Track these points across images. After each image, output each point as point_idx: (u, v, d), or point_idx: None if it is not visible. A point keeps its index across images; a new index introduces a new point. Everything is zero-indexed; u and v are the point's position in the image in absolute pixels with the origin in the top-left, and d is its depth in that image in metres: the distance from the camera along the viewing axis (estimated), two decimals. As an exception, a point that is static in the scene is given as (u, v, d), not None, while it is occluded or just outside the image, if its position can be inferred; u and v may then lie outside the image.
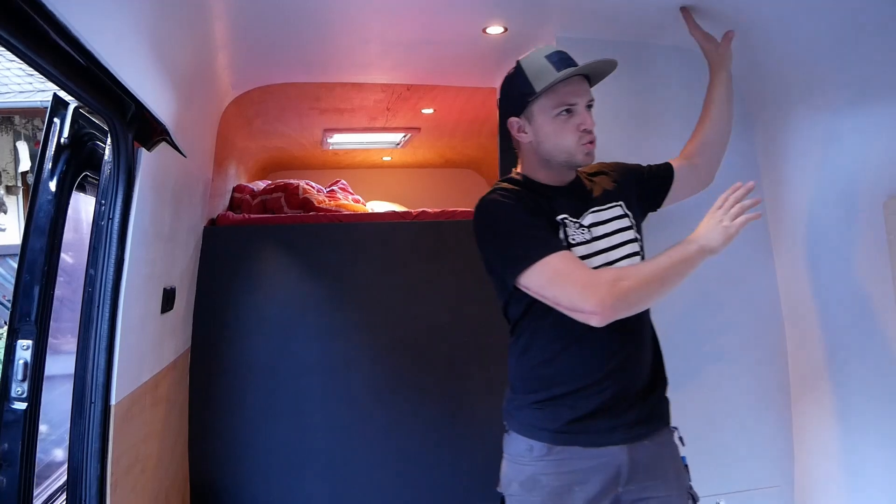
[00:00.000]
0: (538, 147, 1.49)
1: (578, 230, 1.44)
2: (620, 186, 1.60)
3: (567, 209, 1.46)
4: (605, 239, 1.46)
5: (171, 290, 2.11)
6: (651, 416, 1.46)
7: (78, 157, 1.60)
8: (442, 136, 4.14)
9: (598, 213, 1.50)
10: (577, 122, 1.43)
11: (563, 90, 1.42)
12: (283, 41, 2.20)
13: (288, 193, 3.21)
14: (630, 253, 1.47)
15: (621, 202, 1.55)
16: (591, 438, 1.40)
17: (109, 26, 1.23)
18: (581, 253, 1.41)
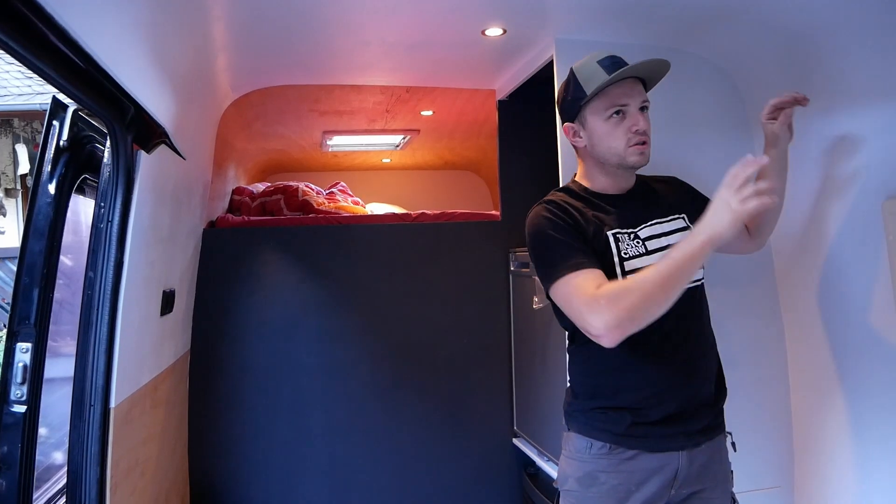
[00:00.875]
0: (592, 150, 1.50)
1: (633, 242, 1.44)
2: (683, 201, 1.58)
3: (622, 220, 1.46)
4: (665, 251, 1.40)
5: (170, 293, 2.11)
6: (711, 425, 1.48)
7: (77, 159, 1.59)
8: (441, 138, 4.14)
9: (658, 226, 1.48)
10: (629, 123, 1.44)
11: (615, 92, 1.43)
12: (282, 43, 2.20)
13: (287, 195, 3.21)
14: None
15: (684, 215, 1.53)
16: (653, 444, 1.41)
17: (108, 29, 1.23)
18: (635, 266, 1.40)
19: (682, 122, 2.23)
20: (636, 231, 1.45)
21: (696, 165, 2.24)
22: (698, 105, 2.27)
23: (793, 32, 1.95)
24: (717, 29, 2.08)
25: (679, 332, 1.42)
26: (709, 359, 1.50)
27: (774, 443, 2.27)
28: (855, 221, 1.97)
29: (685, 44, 2.24)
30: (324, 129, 3.65)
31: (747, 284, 2.28)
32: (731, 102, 2.31)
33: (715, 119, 2.30)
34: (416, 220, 3.00)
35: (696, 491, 1.44)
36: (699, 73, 2.29)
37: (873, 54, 1.81)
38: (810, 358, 2.21)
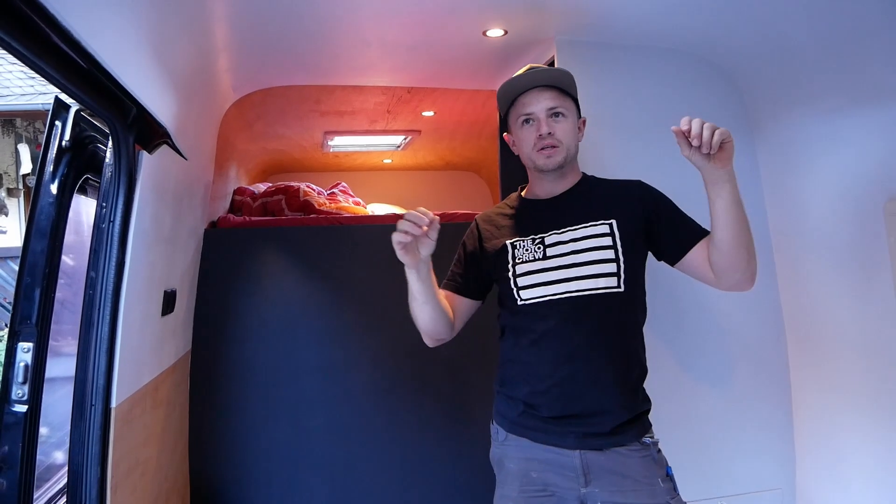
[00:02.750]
0: (520, 157, 1.62)
1: (533, 247, 1.54)
2: (624, 207, 1.53)
3: (534, 226, 1.57)
4: (564, 257, 1.49)
5: (171, 293, 2.11)
6: (614, 433, 1.44)
7: (79, 159, 1.60)
8: (442, 139, 4.14)
9: (569, 232, 1.52)
10: (534, 129, 1.53)
11: (521, 101, 1.55)
12: (283, 44, 2.20)
13: (288, 196, 3.21)
14: (595, 273, 1.45)
15: (612, 221, 1.50)
16: (542, 436, 1.48)
17: (111, 29, 1.23)
18: (525, 269, 1.51)
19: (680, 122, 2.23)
20: (543, 236, 1.54)
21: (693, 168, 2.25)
22: (698, 105, 2.28)
23: (794, 37, 1.95)
24: (718, 30, 2.08)
25: (572, 338, 1.45)
26: (615, 369, 1.45)
27: (775, 444, 2.27)
28: (857, 222, 1.97)
29: (686, 45, 2.24)
30: (325, 129, 3.66)
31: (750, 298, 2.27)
32: (731, 103, 2.32)
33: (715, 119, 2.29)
34: (417, 221, 3.00)
35: (614, 491, 1.41)
36: (699, 73, 2.29)
37: (873, 57, 1.81)
38: (812, 359, 2.21)
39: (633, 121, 2.23)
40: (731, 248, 1.40)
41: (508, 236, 1.59)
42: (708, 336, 2.25)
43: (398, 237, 1.37)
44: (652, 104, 2.27)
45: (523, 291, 1.51)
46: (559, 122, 1.53)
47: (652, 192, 1.58)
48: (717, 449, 2.16)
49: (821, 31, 1.87)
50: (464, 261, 1.66)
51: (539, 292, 1.49)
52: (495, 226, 1.64)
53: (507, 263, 1.55)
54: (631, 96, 2.25)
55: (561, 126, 1.52)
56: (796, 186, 2.20)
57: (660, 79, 2.29)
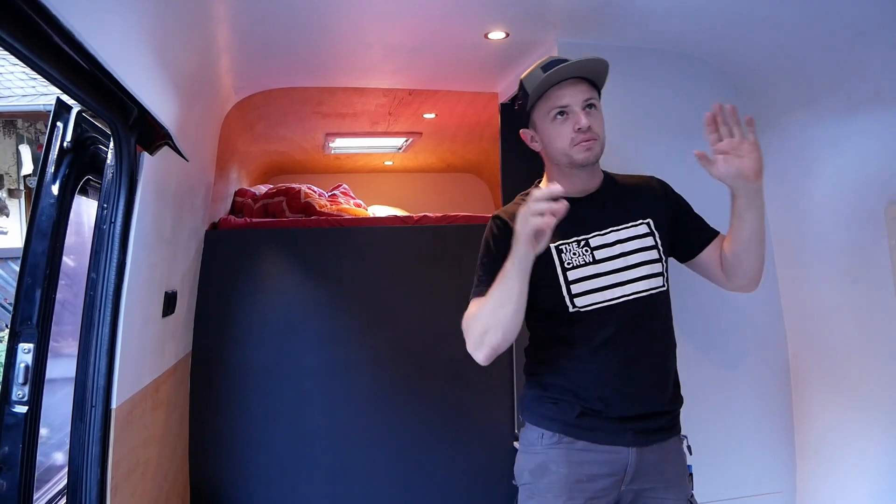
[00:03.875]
0: (546, 153, 1.55)
1: (580, 250, 1.47)
2: (654, 205, 1.56)
3: (574, 227, 1.47)
4: (615, 260, 1.46)
5: (172, 294, 2.11)
6: (662, 427, 1.48)
7: (80, 160, 1.60)
8: (443, 141, 4.14)
9: (612, 234, 1.49)
10: (572, 122, 1.45)
11: (555, 94, 1.46)
12: (285, 45, 2.20)
13: (289, 197, 3.21)
14: (645, 275, 1.46)
15: (649, 220, 1.53)
16: (601, 436, 1.44)
17: (113, 30, 1.23)
18: (579, 275, 1.45)
19: (683, 124, 2.24)
20: (587, 238, 1.48)
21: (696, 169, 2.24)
22: (700, 108, 2.26)
23: (795, 39, 1.95)
24: (721, 33, 2.08)
25: (632, 342, 1.44)
26: (664, 367, 1.50)
27: (776, 447, 2.27)
28: (858, 225, 1.97)
29: (688, 47, 2.24)
30: (326, 131, 3.66)
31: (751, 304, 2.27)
32: (736, 109, 2.31)
33: (717, 123, 2.30)
34: (418, 223, 3.00)
35: (647, 488, 1.45)
36: (701, 75, 2.29)
37: (872, 61, 1.81)
38: (812, 364, 2.21)
39: (636, 123, 2.23)
40: (751, 256, 1.45)
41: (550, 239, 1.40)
42: (708, 339, 2.25)
43: (539, 221, 1.22)
44: (654, 107, 2.27)
45: (578, 298, 1.44)
46: (593, 114, 1.48)
47: (672, 191, 1.63)
48: (717, 453, 2.15)
49: (821, 34, 1.87)
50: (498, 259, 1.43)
51: (595, 298, 1.44)
52: None
53: (554, 269, 1.46)
54: (633, 99, 2.24)
55: (595, 118, 1.48)
56: (798, 189, 2.20)
57: (662, 81, 2.29)
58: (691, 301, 2.20)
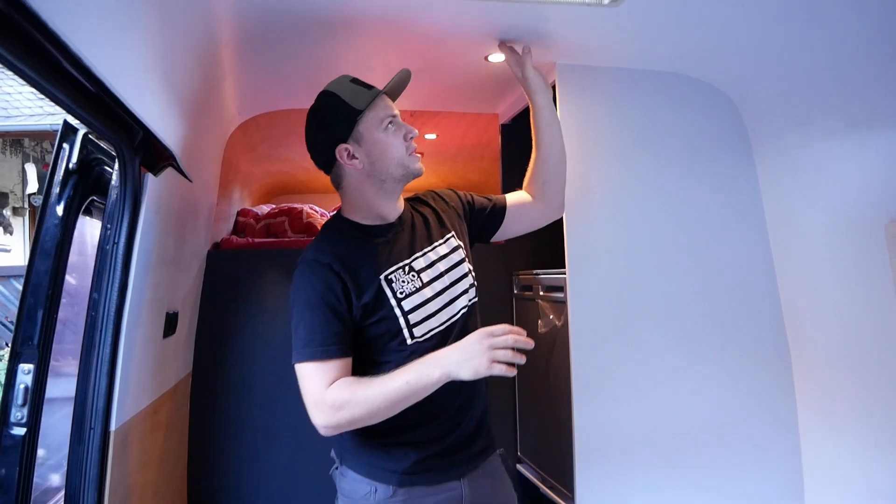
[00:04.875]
0: (373, 168, 1.44)
1: (408, 278, 1.41)
2: (450, 215, 1.61)
3: (396, 253, 1.43)
4: (439, 280, 1.45)
5: (173, 315, 2.11)
6: (485, 444, 1.52)
7: (85, 181, 1.61)
8: (445, 161, 4.17)
9: (431, 253, 1.49)
10: (404, 131, 1.46)
11: (382, 104, 1.47)
12: (289, 68, 2.23)
13: (292, 217, 3.22)
14: (465, 289, 1.50)
15: (453, 232, 1.56)
16: (436, 476, 1.42)
17: (120, 54, 1.25)
18: (414, 303, 1.39)
19: (682, 144, 2.26)
20: (410, 263, 1.44)
21: (696, 191, 2.26)
22: (700, 131, 2.29)
23: (790, 61, 1.97)
24: (718, 54, 2.11)
25: None
26: (477, 383, 1.45)
27: (781, 467, 2.25)
28: (859, 244, 1.97)
29: (689, 69, 2.26)
30: (329, 151, 3.68)
31: (752, 310, 2.27)
32: (732, 125, 2.33)
33: (716, 141, 2.31)
34: (420, 243, 3.01)
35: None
36: (703, 98, 2.31)
37: (867, 81, 1.83)
38: (817, 383, 2.20)
39: (635, 143, 2.24)
40: (559, 159, 1.67)
41: (377, 271, 1.39)
42: (711, 357, 2.24)
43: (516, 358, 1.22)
44: (652, 127, 2.28)
45: (416, 328, 1.38)
46: None
47: (457, 192, 1.70)
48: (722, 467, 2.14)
49: (816, 54, 1.89)
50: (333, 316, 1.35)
51: (431, 325, 1.40)
52: (353, 262, 1.39)
53: (386, 302, 1.37)
54: (632, 119, 2.26)
55: None
56: (797, 208, 2.20)
57: (660, 102, 2.30)
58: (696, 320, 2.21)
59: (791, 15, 1.75)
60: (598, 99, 2.23)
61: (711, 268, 2.25)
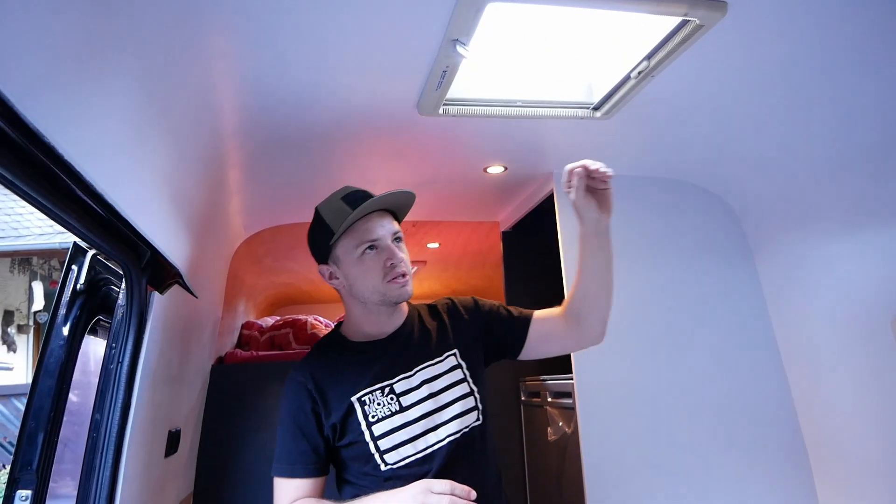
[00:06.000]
0: (352, 291, 1.42)
1: (385, 399, 1.34)
2: (461, 329, 1.48)
3: (379, 373, 1.38)
4: (420, 405, 1.35)
5: (176, 433, 2.07)
6: None
7: (92, 301, 1.63)
8: (447, 268, 4.22)
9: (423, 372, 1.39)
10: (384, 257, 1.36)
11: (363, 227, 1.37)
12: (292, 185, 2.31)
13: (296, 329, 3.22)
14: (458, 413, 1.36)
15: (455, 350, 1.44)
16: None
17: (130, 179, 1.30)
18: (385, 429, 1.33)
19: (681, 249, 2.29)
20: (392, 383, 1.36)
21: (699, 293, 2.27)
22: (699, 233, 2.34)
23: (786, 165, 2.03)
24: (715, 160, 2.18)
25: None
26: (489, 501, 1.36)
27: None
28: (867, 340, 1.96)
29: (686, 175, 2.33)
30: (333, 262, 3.73)
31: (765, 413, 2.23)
32: (729, 227, 2.37)
33: (714, 244, 2.35)
34: (425, 351, 2.99)
35: None
36: (698, 202, 2.37)
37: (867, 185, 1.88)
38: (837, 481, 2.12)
39: (632, 248, 2.28)
40: (603, 299, 1.44)
41: (350, 391, 1.36)
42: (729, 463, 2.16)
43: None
44: (650, 231, 2.33)
45: (388, 455, 1.32)
46: (402, 247, 1.42)
47: (480, 303, 1.55)
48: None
49: (810, 157, 1.96)
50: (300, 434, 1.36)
51: (406, 451, 1.32)
52: (328, 381, 1.39)
53: (357, 426, 1.33)
54: (630, 224, 2.31)
55: (404, 253, 1.41)
56: (801, 308, 2.21)
57: (657, 207, 2.37)
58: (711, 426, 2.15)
59: (780, 122, 1.83)
60: (594, 205, 2.29)
61: (721, 370, 2.23)
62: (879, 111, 1.67)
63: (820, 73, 1.58)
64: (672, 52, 1.50)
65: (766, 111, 1.79)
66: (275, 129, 1.80)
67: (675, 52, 1.50)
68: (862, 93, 1.63)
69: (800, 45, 1.47)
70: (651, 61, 1.56)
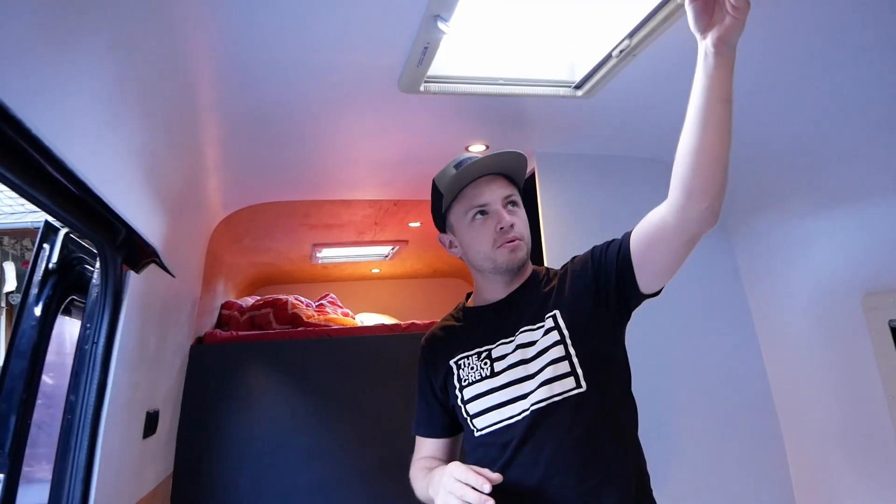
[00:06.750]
0: (467, 258, 1.40)
1: (479, 364, 1.31)
2: (565, 293, 1.33)
3: (481, 338, 1.35)
4: (514, 370, 1.27)
5: (154, 414, 2.05)
6: None
7: (65, 281, 1.59)
8: (430, 248, 4.20)
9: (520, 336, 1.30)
10: (493, 221, 1.32)
11: (471, 193, 1.34)
12: (272, 163, 2.27)
13: (276, 309, 3.20)
14: (549, 379, 1.23)
15: (555, 312, 1.30)
16: None
17: (104, 155, 1.27)
18: (474, 393, 1.29)
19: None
20: (491, 348, 1.32)
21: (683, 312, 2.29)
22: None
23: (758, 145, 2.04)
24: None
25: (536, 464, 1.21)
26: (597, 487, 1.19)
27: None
28: (837, 316, 2.01)
29: (660, 153, 2.33)
30: (313, 241, 3.70)
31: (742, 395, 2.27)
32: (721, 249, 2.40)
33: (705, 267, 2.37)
34: (406, 330, 2.99)
35: None
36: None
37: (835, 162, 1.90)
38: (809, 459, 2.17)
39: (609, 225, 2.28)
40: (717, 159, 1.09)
41: (451, 355, 1.36)
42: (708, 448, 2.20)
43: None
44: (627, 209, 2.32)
45: (477, 420, 1.29)
46: (516, 212, 1.35)
47: (596, 252, 1.34)
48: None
49: (785, 137, 1.97)
50: (422, 397, 1.44)
51: (493, 418, 1.26)
52: (438, 345, 1.42)
53: (453, 388, 1.33)
54: (610, 204, 2.32)
55: (518, 217, 1.35)
56: (777, 287, 2.24)
57: (636, 186, 2.37)
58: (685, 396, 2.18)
59: (756, 103, 1.84)
60: (576, 184, 2.29)
61: (698, 348, 2.26)
62: (852, 95, 1.69)
63: (799, 56, 1.58)
64: (654, 30, 1.48)
65: (743, 92, 1.78)
66: (254, 105, 1.77)
67: (656, 31, 1.48)
68: (836, 77, 1.63)
69: (778, 28, 1.46)
70: (633, 40, 1.54)
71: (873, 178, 1.84)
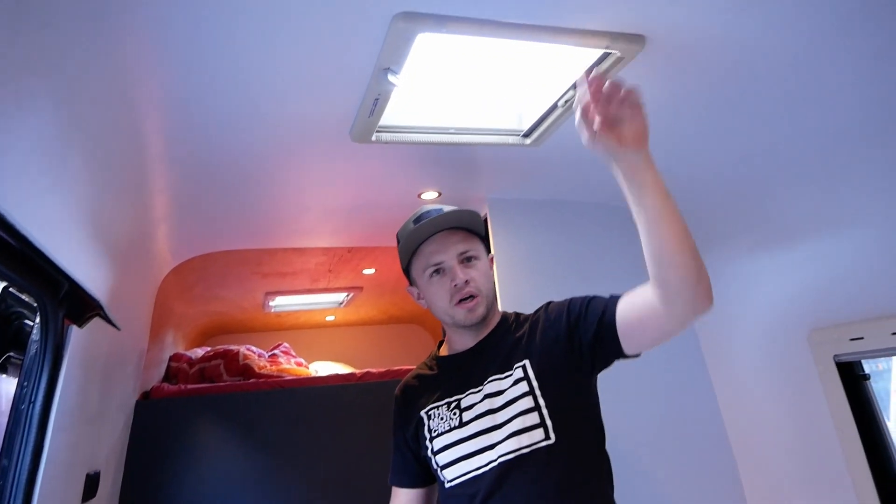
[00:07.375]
0: (433, 312, 1.41)
1: (448, 414, 1.31)
2: (535, 341, 1.32)
3: (451, 387, 1.35)
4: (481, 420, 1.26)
5: (94, 475, 1.95)
6: None
7: (2, 337, 1.53)
8: (384, 294, 4.18)
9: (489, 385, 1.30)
10: (448, 280, 1.32)
11: (427, 250, 1.35)
12: (223, 212, 2.24)
13: (227, 360, 3.11)
14: (517, 430, 1.22)
15: (525, 361, 1.29)
16: None
17: (47, 209, 1.23)
18: (443, 443, 1.29)
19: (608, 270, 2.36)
20: (460, 398, 1.32)
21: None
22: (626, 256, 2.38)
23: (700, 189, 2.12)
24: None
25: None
26: None
27: None
28: (785, 353, 2.07)
29: (606, 197, 2.40)
30: (266, 290, 3.65)
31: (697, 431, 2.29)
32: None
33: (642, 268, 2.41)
34: (361, 380, 2.94)
35: None
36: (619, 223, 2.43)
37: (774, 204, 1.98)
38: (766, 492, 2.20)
39: (567, 271, 2.33)
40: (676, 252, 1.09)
41: (422, 405, 1.37)
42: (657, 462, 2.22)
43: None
44: (579, 254, 2.39)
45: (446, 471, 1.27)
46: (473, 266, 1.34)
47: (572, 302, 1.34)
48: None
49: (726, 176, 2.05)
50: (397, 447, 1.46)
51: (462, 469, 1.25)
52: (411, 395, 1.43)
53: (424, 439, 1.33)
54: (563, 248, 2.37)
55: (476, 271, 1.33)
56: (726, 322, 2.30)
57: (589, 230, 2.43)
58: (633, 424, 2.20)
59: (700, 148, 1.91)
60: (528, 228, 2.34)
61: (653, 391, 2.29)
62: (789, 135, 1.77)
63: (737, 102, 1.66)
64: (598, 82, 1.54)
65: (684, 139, 1.86)
66: (203, 153, 1.75)
67: (600, 83, 1.54)
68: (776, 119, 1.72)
69: (714, 76, 1.54)
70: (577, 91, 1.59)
71: (818, 214, 1.92)
